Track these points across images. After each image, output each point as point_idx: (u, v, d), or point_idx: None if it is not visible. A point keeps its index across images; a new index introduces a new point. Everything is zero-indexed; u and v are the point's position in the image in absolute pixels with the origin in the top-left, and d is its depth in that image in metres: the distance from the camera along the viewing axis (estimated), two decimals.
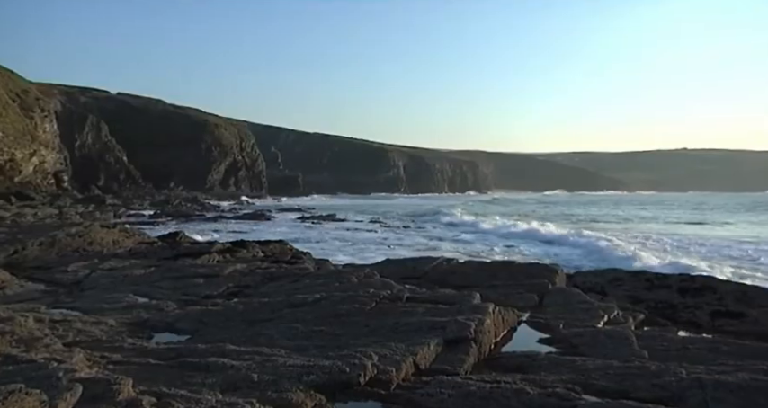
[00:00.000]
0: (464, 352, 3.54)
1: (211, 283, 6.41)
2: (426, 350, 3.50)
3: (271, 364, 3.14)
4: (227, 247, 9.35)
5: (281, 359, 3.27)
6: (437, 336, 3.73)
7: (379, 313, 4.52)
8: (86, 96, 60.73)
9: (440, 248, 17.26)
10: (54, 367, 2.31)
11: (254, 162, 73.96)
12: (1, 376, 2.18)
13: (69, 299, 5.66)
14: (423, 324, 4.01)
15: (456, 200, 68.74)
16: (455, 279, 6.75)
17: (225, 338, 3.98)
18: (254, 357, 3.31)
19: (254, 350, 3.50)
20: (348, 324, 4.23)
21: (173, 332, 4.44)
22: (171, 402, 2.41)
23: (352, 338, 3.87)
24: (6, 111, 37.45)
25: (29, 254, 8.38)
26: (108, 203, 35.07)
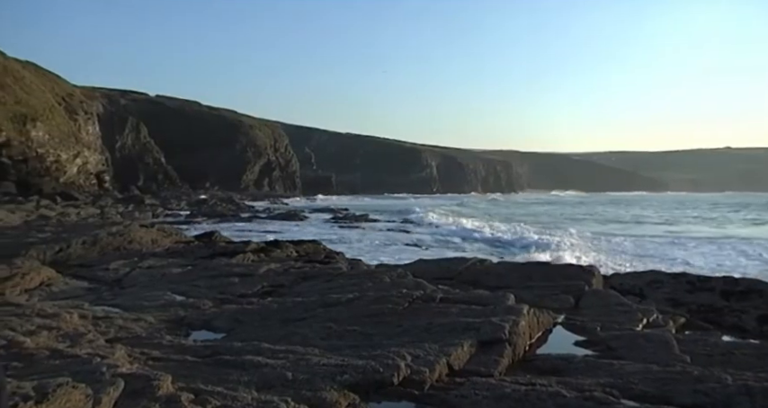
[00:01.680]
0: (498, 354, 3.50)
1: (246, 282, 6.50)
2: (460, 350, 3.48)
3: (305, 363, 3.16)
4: (261, 247, 9.48)
5: (314, 358, 3.29)
6: (471, 337, 3.69)
7: (413, 313, 4.51)
8: (126, 99, 62.38)
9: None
10: (98, 362, 2.38)
11: (288, 162, 74.79)
12: (49, 369, 2.26)
13: (110, 297, 5.82)
14: (456, 325, 3.98)
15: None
16: (489, 280, 6.69)
17: (260, 336, 4.03)
18: (289, 355, 3.35)
19: (289, 348, 3.53)
20: (381, 324, 4.24)
21: (209, 330, 4.52)
22: (208, 398, 2.46)
23: (386, 338, 3.87)
24: (52, 114, 38.78)
25: (73, 253, 8.64)
26: (147, 203, 35.92)
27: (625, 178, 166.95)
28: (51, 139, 36.70)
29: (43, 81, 42.72)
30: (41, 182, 32.61)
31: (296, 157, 77.66)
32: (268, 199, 54.40)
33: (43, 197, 28.64)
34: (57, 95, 42.51)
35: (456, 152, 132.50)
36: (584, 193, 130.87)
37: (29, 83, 39.04)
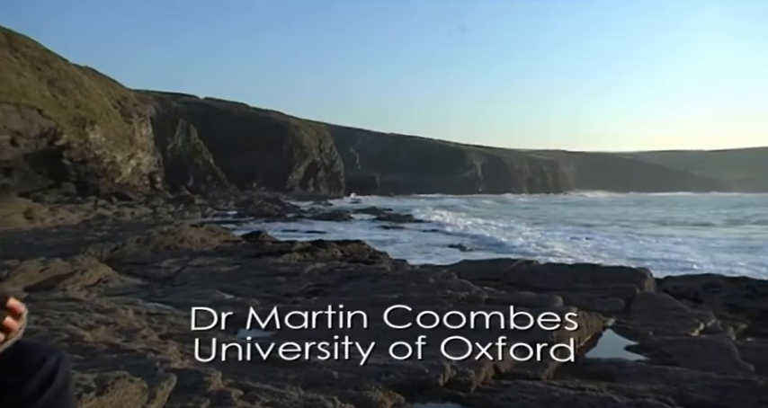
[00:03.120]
0: (545, 357, 3.43)
1: (292, 281, 6.59)
2: (507, 353, 3.43)
3: (351, 362, 3.18)
4: (306, 246, 9.60)
5: (360, 358, 3.31)
6: (518, 339, 3.64)
7: (456, 314, 4.47)
8: (177, 101, 64.26)
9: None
10: (152, 357, 2.46)
11: (333, 163, 75.50)
12: (107, 363, 2.36)
13: (162, 294, 6.00)
14: (502, 327, 3.93)
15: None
16: (535, 282, 6.58)
17: (305, 335, 4.08)
18: (335, 355, 3.37)
19: (335, 347, 3.56)
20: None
21: (256, 328, 4.60)
22: (257, 395, 2.51)
23: (431, 339, 3.85)
24: (109, 117, 40.36)
25: (127, 251, 8.97)
26: (196, 203, 36.90)
27: (677, 177, 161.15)
28: (108, 141, 38.17)
29: (101, 85, 44.49)
30: (99, 183, 33.97)
31: (341, 158, 78.29)
32: (313, 200, 55.03)
33: (100, 197, 29.86)
34: (113, 99, 44.20)
35: (501, 152, 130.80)
36: (633, 193, 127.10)
37: (88, 87, 40.72)
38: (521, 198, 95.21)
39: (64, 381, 1.19)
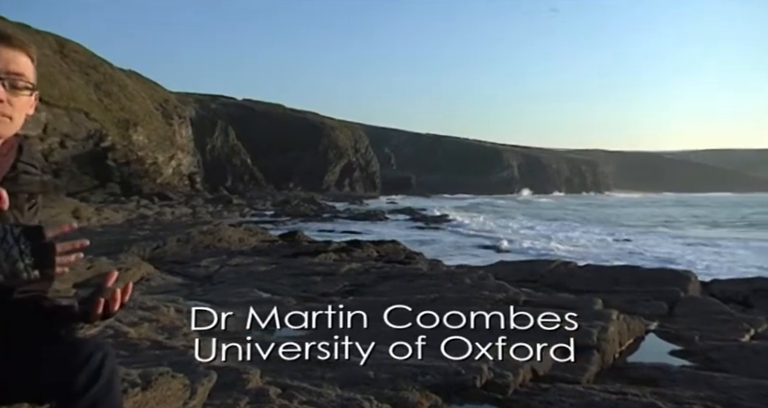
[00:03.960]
0: (586, 360, 3.37)
1: (328, 281, 6.63)
2: (545, 356, 3.37)
3: (387, 362, 3.18)
4: (342, 246, 9.66)
5: (396, 358, 3.31)
6: (557, 341, 3.58)
7: (494, 316, 4.43)
8: (216, 103, 65.58)
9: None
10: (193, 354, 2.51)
11: (368, 163, 75.80)
12: (150, 359, 2.43)
13: (202, 292, 6.13)
14: (540, 329, 3.87)
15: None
16: (574, 283, 6.46)
17: (342, 335, 4.10)
18: (371, 354, 3.38)
19: (371, 347, 3.57)
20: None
21: (293, 327, 4.65)
22: (294, 393, 2.54)
23: (467, 340, 3.82)
24: (151, 119, 41.50)
25: (168, 250, 9.20)
26: (234, 203, 37.53)
27: (726, 177, 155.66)
28: (150, 143, 39.24)
29: (143, 88, 45.78)
30: (141, 183, 34.94)
31: (376, 158, 78.54)
32: (348, 200, 55.33)
33: (143, 197, 30.70)
34: (155, 101, 45.42)
35: (538, 152, 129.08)
36: (677, 194, 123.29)
37: (131, 90, 41.95)
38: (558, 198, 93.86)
39: (110, 376, 1.22)
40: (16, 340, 1.28)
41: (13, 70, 1.17)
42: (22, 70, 1.19)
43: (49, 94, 30.98)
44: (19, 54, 1.19)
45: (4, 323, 1.18)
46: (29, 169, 1.25)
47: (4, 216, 1.06)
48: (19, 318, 1.22)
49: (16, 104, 1.18)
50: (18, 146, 1.25)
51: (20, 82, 1.18)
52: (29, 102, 1.22)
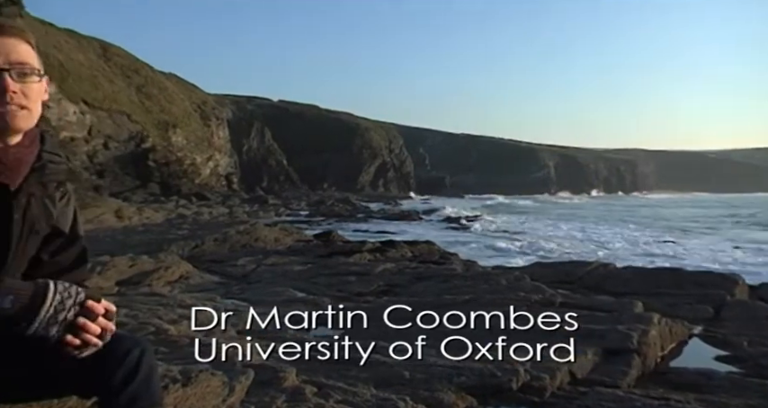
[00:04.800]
0: (626, 364, 3.29)
1: (363, 281, 6.65)
2: (583, 358, 3.31)
3: (422, 363, 3.17)
4: (377, 246, 9.68)
5: (431, 359, 3.29)
6: (594, 345, 3.51)
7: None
8: (252, 104, 66.56)
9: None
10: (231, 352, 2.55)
11: (403, 163, 75.80)
12: (189, 356, 2.48)
13: (239, 291, 6.22)
14: (578, 332, 3.80)
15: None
16: (612, 286, 6.32)
17: (377, 335, 4.10)
18: (405, 354, 3.37)
19: (405, 347, 3.56)
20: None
21: (328, 327, 4.68)
22: (330, 392, 2.55)
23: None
24: (189, 121, 42.44)
25: (206, 249, 9.38)
26: (270, 203, 38.01)
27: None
28: (189, 144, 40.12)
29: (182, 90, 46.84)
30: (180, 184, 35.74)
31: (410, 158, 78.47)
32: (382, 200, 55.39)
33: (181, 197, 31.40)
34: (193, 103, 46.42)
35: (575, 151, 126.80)
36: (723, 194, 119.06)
37: (171, 92, 42.97)
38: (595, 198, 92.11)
39: (149, 372, 1.24)
40: None
41: (16, 59, 1.17)
42: (25, 58, 1.18)
43: (94, 97, 31.98)
44: (17, 42, 1.18)
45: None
46: (53, 158, 1.26)
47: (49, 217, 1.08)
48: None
49: (29, 94, 1.18)
50: (40, 136, 1.26)
51: (26, 69, 1.18)
52: (41, 89, 1.22)
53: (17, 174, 1.19)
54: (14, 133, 1.19)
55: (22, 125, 1.18)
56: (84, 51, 36.18)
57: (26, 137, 1.21)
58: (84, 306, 1.09)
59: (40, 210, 1.23)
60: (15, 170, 1.18)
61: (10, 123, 1.16)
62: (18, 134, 1.20)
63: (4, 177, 1.16)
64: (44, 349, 1.19)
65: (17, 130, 1.18)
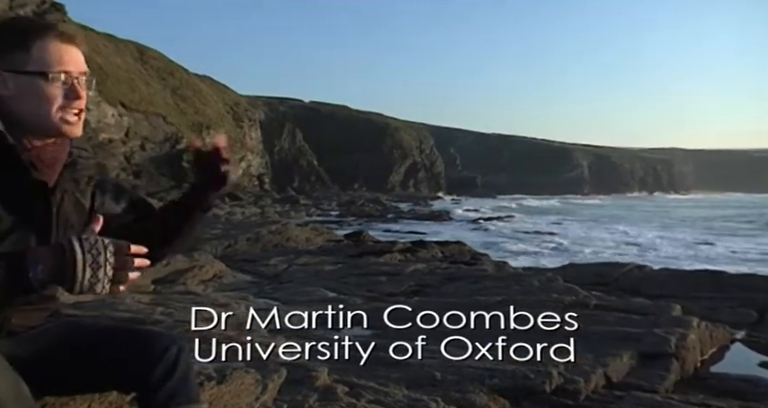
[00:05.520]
0: (664, 368, 3.20)
1: (393, 281, 6.64)
2: (618, 362, 3.24)
3: (454, 364, 3.15)
4: (407, 247, 9.67)
5: (463, 361, 3.26)
6: (630, 348, 3.43)
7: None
8: (284, 106, 67.26)
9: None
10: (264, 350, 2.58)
11: (433, 163, 75.56)
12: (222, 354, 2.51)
13: (271, 290, 6.28)
14: (613, 334, 3.72)
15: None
16: (649, 288, 6.18)
17: (407, 335, 4.09)
18: (437, 355, 3.35)
19: (437, 348, 3.54)
20: None
21: (359, 327, 4.69)
22: (362, 392, 2.55)
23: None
24: (222, 122, 43.13)
25: (239, 248, 9.51)
26: (301, 203, 38.39)
27: None
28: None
29: (216, 92, 47.64)
30: None
31: (441, 158, 78.18)
32: (413, 200, 55.32)
33: None
34: (226, 105, 47.16)
35: (610, 150, 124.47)
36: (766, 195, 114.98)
37: (205, 94, 43.76)
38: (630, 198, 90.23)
39: (186, 369, 1.26)
40: (104, 331, 1.35)
41: (83, 69, 1.21)
42: (85, 67, 1.23)
43: (131, 99, 32.77)
44: (79, 51, 1.23)
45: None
46: (82, 153, 1.29)
47: (92, 231, 1.11)
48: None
49: (84, 100, 1.23)
50: None
51: (85, 79, 1.22)
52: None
53: (53, 172, 1.22)
54: (69, 138, 1.23)
55: (77, 132, 1.22)
56: (122, 55, 37.12)
57: None
58: (116, 254, 1.08)
59: (72, 205, 1.26)
60: (52, 168, 1.22)
61: (70, 130, 1.21)
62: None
63: (43, 174, 1.20)
64: (88, 345, 1.24)
65: (74, 137, 1.23)
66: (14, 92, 1.18)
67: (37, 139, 1.20)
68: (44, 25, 1.23)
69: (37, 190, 1.19)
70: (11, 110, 1.18)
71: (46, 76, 1.17)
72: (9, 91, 1.18)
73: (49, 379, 1.22)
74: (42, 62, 1.18)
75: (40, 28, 1.21)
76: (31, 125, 1.19)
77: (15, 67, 1.18)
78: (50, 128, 1.19)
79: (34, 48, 1.18)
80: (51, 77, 1.17)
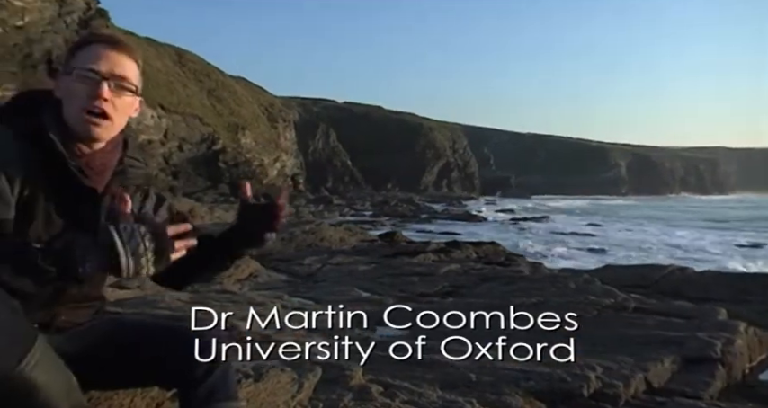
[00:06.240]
0: (708, 374, 3.09)
1: (427, 281, 6.61)
2: (660, 366, 3.14)
3: (489, 365, 3.11)
4: (441, 247, 9.62)
5: (498, 362, 3.22)
6: (672, 353, 3.33)
7: (601, 322, 4.20)
8: (318, 106, 67.86)
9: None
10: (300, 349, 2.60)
11: (467, 163, 75.10)
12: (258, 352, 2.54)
13: (305, 290, 6.32)
14: (653, 338, 3.62)
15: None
16: (692, 291, 5.99)
17: (441, 336, 4.06)
18: (472, 357, 3.32)
19: (471, 349, 3.51)
20: None
21: (393, 326, 4.68)
22: (396, 392, 2.54)
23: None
24: (258, 123, 43.73)
25: (274, 248, 9.61)
26: (335, 203, 38.63)
27: None
28: (257, 145, 41.34)
29: (251, 93, 48.31)
30: None
31: (474, 158, 77.64)
32: (446, 200, 55.04)
33: None
34: (261, 106, 47.79)
35: (649, 150, 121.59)
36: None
37: (240, 96, 44.43)
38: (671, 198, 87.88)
39: (225, 366, 1.31)
40: (146, 329, 1.39)
41: (119, 73, 1.24)
42: (127, 73, 1.26)
43: (169, 101, 33.52)
44: (125, 58, 1.26)
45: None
46: (134, 163, 1.34)
47: (127, 216, 1.12)
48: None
49: (119, 106, 1.25)
50: (123, 141, 1.33)
51: (124, 84, 1.25)
52: (132, 105, 1.29)
53: (103, 179, 1.27)
54: (93, 141, 1.25)
55: (98, 134, 1.24)
56: (162, 58, 37.99)
57: (110, 142, 1.29)
58: (155, 240, 1.11)
59: (128, 220, 1.30)
60: (101, 175, 1.26)
61: (89, 129, 1.23)
62: (98, 142, 1.27)
63: (92, 181, 1.24)
64: (133, 343, 1.28)
65: (94, 138, 1.25)
66: (62, 93, 1.24)
67: (87, 146, 1.25)
68: (98, 34, 1.31)
69: (86, 196, 1.24)
70: (63, 114, 1.24)
71: (71, 73, 1.22)
72: (60, 93, 1.25)
73: (93, 374, 1.26)
74: (76, 61, 1.23)
75: (94, 36, 1.28)
76: (70, 126, 1.23)
77: (64, 71, 1.25)
78: (75, 126, 1.23)
79: (80, 52, 1.24)
80: (76, 74, 1.22)
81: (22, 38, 19.16)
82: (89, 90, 1.21)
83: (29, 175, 1.17)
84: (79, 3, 22.61)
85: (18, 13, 18.69)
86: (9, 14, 18.29)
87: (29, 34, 19.38)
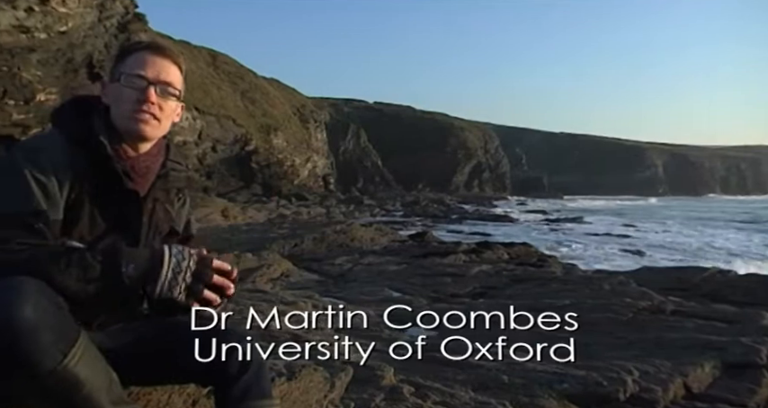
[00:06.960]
0: (753, 381, 2.98)
1: (458, 282, 6.58)
2: (700, 371, 3.05)
3: (521, 367, 3.07)
4: (472, 248, 9.56)
5: (530, 364, 3.18)
6: (713, 358, 3.23)
7: (637, 325, 4.10)
8: (349, 107, 68.15)
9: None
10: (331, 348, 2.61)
11: (498, 163, 74.40)
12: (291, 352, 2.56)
13: (336, 289, 6.36)
14: (693, 342, 3.52)
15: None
16: (734, 294, 5.80)
17: (473, 337, 4.03)
18: (504, 358, 3.28)
19: (504, 351, 3.47)
20: (600, 334, 3.93)
21: (424, 327, 4.66)
22: (428, 393, 2.53)
23: (606, 349, 3.57)
24: (289, 123, 44.18)
25: (305, 247, 9.69)
26: (365, 203, 38.71)
27: None
28: (288, 146, 41.78)
29: (283, 94, 48.85)
30: (280, 184, 37.31)
31: (506, 158, 76.86)
32: (477, 201, 54.62)
33: (282, 197, 32.76)
34: (293, 106, 48.28)
35: (687, 149, 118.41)
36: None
37: (272, 97, 44.96)
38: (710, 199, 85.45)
39: (259, 365, 1.34)
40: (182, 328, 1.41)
41: (165, 79, 1.30)
42: (172, 79, 1.32)
43: (204, 103, 34.14)
44: (171, 64, 1.32)
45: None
46: (176, 166, 1.39)
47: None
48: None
49: (165, 110, 1.31)
50: (166, 145, 1.39)
51: (169, 89, 1.31)
52: (175, 110, 1.35)
53: (146, 181, 1.32)
54: (142, 140, 1.31)
55: (149, 133, 1.30)
56: (196, 60, 38.69)
57: (154, 146, 1.34)
58: (198, 264, 1.17)
59: (162, 214, 1.36)
60: (144, 178, 1.32)
61: (141, 128, 1.28)
62: (146, 142, 1.32)
63: (136, 184, 1.29)
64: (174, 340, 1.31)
65: (144, 137, 1.31)
66: (110, 99, 1.30)
67: (132, 149, 1.30)
68: (145, 42, 1.36)
69: (129, 198, 1.28)
70: (111, 118, 1.29)
71: (120, 79, 1.28)
72: (108, 99, 1.31)
73: (132, 371, 1.30)
74: (125, 68, 1.29)
75: (140, 44, 1.34)
76: (118, 128, 1.29)
77: (111, 78, 1.31)
78: (125, 127, 1.28)
79: (127, 59, 1.30)
80: (125, 80, 1.28)
81: (65, 43, 19.78)
82: (137, 94, 1.27)
83: (77, 178, 1.22)
84: (118, 7, 23.22)
85: (62, 19, 19.33)
86: (54, 21, 18.93)
87: (71, 39, 19.99)
